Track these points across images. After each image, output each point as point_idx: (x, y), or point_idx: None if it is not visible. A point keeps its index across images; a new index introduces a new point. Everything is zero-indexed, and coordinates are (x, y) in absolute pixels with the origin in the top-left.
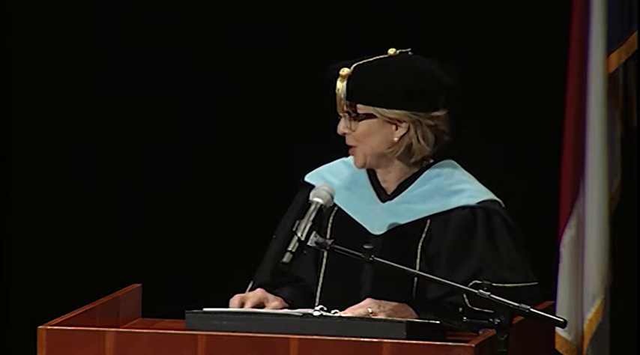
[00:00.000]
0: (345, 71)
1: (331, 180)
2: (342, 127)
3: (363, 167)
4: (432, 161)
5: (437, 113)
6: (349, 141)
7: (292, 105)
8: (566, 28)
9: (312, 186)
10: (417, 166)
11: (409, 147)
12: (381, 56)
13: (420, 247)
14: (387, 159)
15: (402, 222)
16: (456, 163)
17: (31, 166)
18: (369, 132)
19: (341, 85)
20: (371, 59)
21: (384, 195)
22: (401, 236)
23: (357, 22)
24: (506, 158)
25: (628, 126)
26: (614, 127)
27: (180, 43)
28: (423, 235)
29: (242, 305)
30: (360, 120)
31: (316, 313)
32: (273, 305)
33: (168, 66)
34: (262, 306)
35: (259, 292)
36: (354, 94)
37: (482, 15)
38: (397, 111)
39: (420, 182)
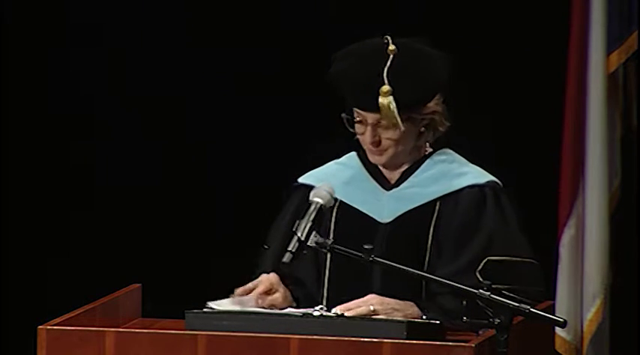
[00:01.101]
0: (386, 88)
1: (327, 180)
2: (375, 137)
3: (388, 164)
4: (431, 150)
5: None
6: (376, 147)
7: (292, 106)
8: (566, 28)
9: (306, 187)
10: (418, 155)
11: (435, 129)
12: (389, 56)
13: (432, 230)
14: (414, 150)
15: (412, 206)
16: (452, 151)
17: (31, 166)
18: (405, 133)
19: (387, 100)
20: (387, 63)
21: (387, 185)
22: (411, 221)
23: (356, 21)
24: (505, 158)
25: (628, 126)
26: (614, 127)
27: (179, 43)
28: (434, 217)
29: (250, 291)
30: (391, 128)
31: (316, 313)
32: (275, 296)
33: (168, 66)
34: (270, 291)
35: (273, 277)
36: (405, 105)
37: (482, 15)
38: (431, 104)
39: (424, 167)
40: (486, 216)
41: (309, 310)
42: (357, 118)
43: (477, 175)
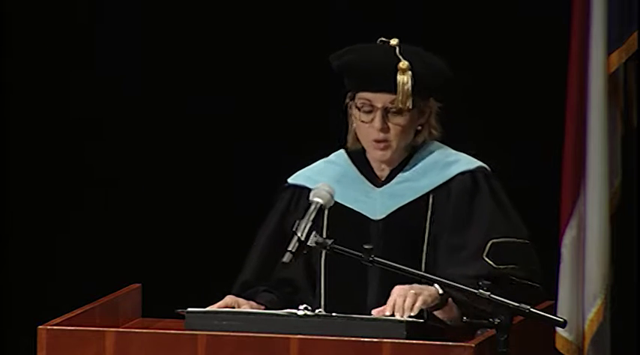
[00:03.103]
0: (405, 64)
1: (318, 179)
2: (385, 123)
3: (390, 163)
4: (417, 145)
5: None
6: (384, 137)
7: (288, 108)
8: (566, 28)
9: (295, 187)
10: (408, 150)
11: (429, 133)
12: (394, 48)
13: (428, 224)
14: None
15: (405, 201)
16: (438, 142)
17: (31, 165)
18: (410, 123)
19: (406, 76)
20: (396, 50)
21: (378, 181)
22: (404, 217)
23: (356, 21)
24: (506, 158)
25: (628, 126)
26: (614, 127)
27: (176, 41)
28: (429, 211)
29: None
30: (400, 114)
31: (300, 312)
32: (243, 308)
33: (166, 66)
34: None
35: (228, 298)
36: (423, 85)
37: (482, 15)
38: (431, 102)
39: (413, 161)
40: (482, 200)
41: (292, 310)
42: (365, 107)
43: (466, 162)
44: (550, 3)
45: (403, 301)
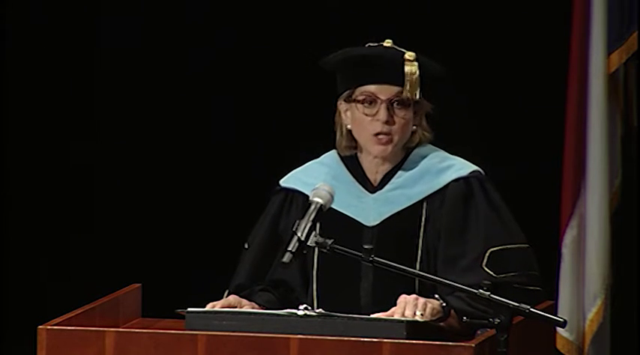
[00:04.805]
0: (412, 54)
1: (310, 182)
2: (390, 116)
3: (387, 158)
4: (412, 146)
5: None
6: (387, 129)
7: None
8: (567, 28)
9: (287, 190)
10: (403, 152)
11: (422, 135)
12: (389, 44)
13: (422, 231)
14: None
15: (398, 208)
16: (432, 146)
17: (30, 166)
18: (410, 118)
19: (414, 67)
20: (386, 45)
21: (371, 187)
22: (398, 223)
23: (357, 21)
24: (506, 159)
25: (628, 126)
26: (614, 127)
27: (175, 43)
28: (423, 219)
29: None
30: (405, 107)
31: (300, 312)
32: (245, 308)
33: (165, 68)
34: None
35: (231, 298)
36: (425, 76)
37: (482, 15)
38: (426, 102)
39: (406, 166)
40: (478, 208)
41: (292, 310)
42: (367, 100)
43: (460, 167)
44: (551, 3)
45: (414, 303)
